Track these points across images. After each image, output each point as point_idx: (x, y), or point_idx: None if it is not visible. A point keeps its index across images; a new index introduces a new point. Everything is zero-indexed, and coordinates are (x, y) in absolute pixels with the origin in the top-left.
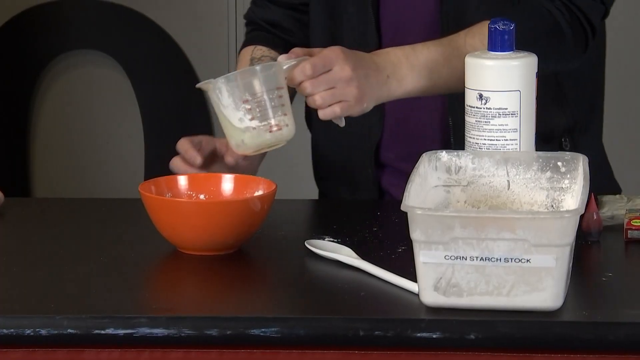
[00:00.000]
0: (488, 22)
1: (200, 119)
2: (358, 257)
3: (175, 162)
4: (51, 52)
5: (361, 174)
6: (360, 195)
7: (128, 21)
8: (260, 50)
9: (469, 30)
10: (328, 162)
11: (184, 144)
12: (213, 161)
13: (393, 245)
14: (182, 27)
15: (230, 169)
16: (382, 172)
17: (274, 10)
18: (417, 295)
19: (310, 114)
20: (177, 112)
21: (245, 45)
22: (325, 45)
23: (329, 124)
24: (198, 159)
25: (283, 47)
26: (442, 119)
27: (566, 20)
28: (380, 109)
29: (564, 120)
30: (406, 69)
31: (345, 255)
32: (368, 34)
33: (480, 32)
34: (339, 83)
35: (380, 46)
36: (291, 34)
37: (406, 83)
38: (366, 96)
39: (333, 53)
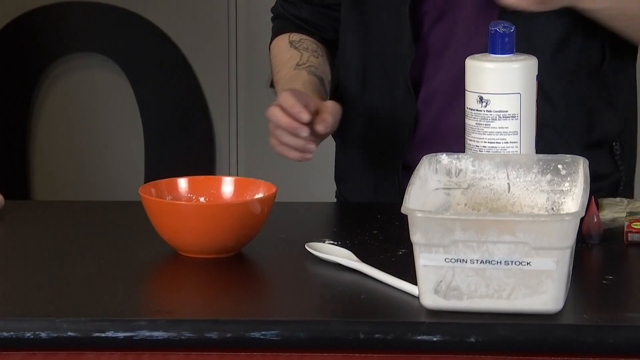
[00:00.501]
0: None
1: (201, 121)
2: (358, 259)
3: (276, 113)
4: (51, 55)
5: (386, 178)
6: (381, 199)
7: (128, 24)
8: (296, 35)
9: None
10: (352, 164)
11: (289, 99)
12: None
13: (393, 248)
14: (182, 29)
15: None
16: (406, 176)
17: (306, 8)
18: (417, 298)
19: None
20: (177, 115)
21: (275, 35)
22: (356, 43)
23: (358, 125)
24: (306, 116)
25: (319, 37)
26: None
27: None
28: (412, 113)
29: (616, 124)
30: None
31: (345, 258)
32: (402, 41)
33: None
34: None
35: (416, 53)
36: (322, 30)
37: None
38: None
39: None
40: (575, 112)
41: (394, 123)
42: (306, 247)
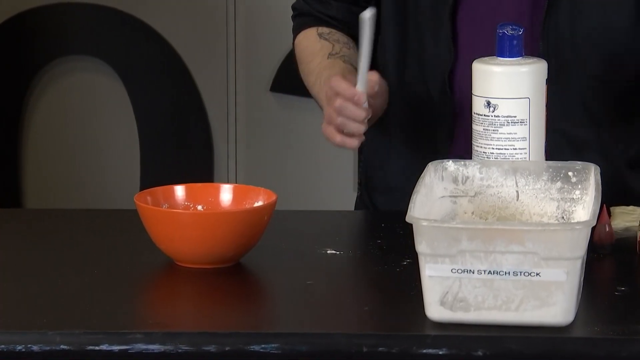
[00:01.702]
0: None
1: (199, 127)
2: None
3: (341, 84)
4: (44, 58)
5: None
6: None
7: (124, 26)
8: (325, 28)
9: None
10: (384, 174)
11: (343, 83)
12: None
13: (397, 258)
14: (180, 32)
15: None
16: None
17: (332, 4)
18: (423, 309)
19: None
20: (174, 120)
21: (300, 29)
22: (395, 54)
23: (388, 142)
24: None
25: (346, 34)
26: None
27: None
28: (448, 130)
29: None
30: None
31: None
32: (442, 46)
33: None
34: None
35: (457, 52)
36: (351, 27)
37: None
38: None
39: None
40: (619, 132)
41: (430, 135)
42: None
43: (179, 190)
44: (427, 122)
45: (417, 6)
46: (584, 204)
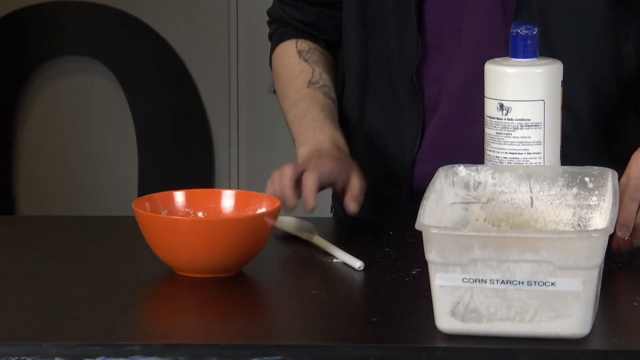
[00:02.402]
0: None
1: (199, 131)
2: (317, 233)
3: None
4: (39, 58)
5: (392, 194)
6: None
7: (122, 26)
8: (303, 43)
9: None
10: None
11: (309, 180)
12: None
13: (407, 267)
14: (180, 33)
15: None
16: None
17: (308, 9)
18: (433, 320)
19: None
20: (174, 124)
21: (278, 41)
22: (357, 52)
23: (361, 136)
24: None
25: (323, 42)
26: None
27: None
28: (418, 119)
29: None
30: None
31: (307, 231)
32: (408, 42)
33: None
34: None
35: (425, 52)
36: (327, 32)
37: None
38: None
39: None
40: (600, 125)
41: (399, 133)
42: (277, 223)
43: (179, 196)
44: (395, 122)
45: (381, 2)
46: (601, 211)
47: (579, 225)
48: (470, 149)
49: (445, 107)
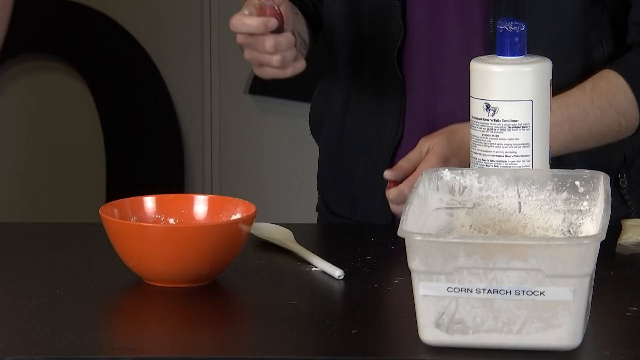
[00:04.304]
0: (615, 74)
1: (170, 134)
2: (294, 240)
3: (241, 19)
4: (1, 56)
5: (371, 189)
6: (367, 217)
7: (89, 22)
8: None
9: (594, 86)
10: (335, 165)
11: (245, 20)
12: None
13: (389, 275)
14: (150, 31)
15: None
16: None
17: None
18: (416, 331)
19: (317, 120)
20: (143, 127)
21: None
22: (342, 31)
23: (340, 128)
24: (274, 22)
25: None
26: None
27: None
28: (399, 110)
29: (620, 153)
30: None
31: (284, 238)
32: (392, 23)
33: (608, 91)
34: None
35: (406, 30)
36: (302, 2)
37: None
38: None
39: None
40: None
41: (381, 115)
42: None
43: (149, 202)
44: (377, 108)
45: None
46: (592, 216)
47: (569, 231)
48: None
49: (422, 92)
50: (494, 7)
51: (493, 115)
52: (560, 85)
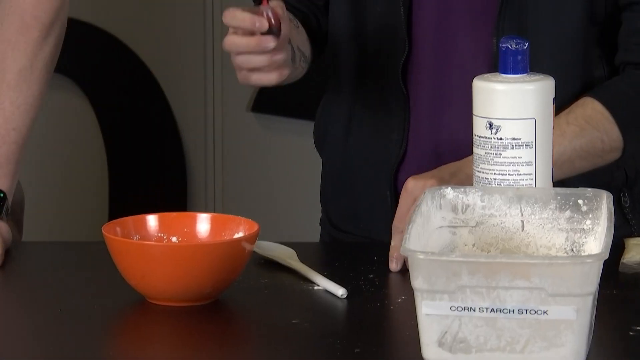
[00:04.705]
0: (590, 98)
1: (173, 152)
2: (297, 259)
3: (234, 41)
4: None
5: (375, 204)
6: (370, 232)
7: (92, 40)
8: None
9: (569, 110)
10: (337, 180)
11: (238, 14)
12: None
13: (392, 294)
14: (153, 48)
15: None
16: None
17: None
18: (419, 350)
19: (321, 134)
20: (146, 145)
21: None
22: (347, 45)
23: (343, 143)
24: (264, 22)
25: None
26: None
27: None
28: (403, 125)
29: (622, 172)
30: None
31: (287, 257)
32: (397, 38)
33: (583, 113)
34: None
35: (410, 45)
36: (305, 17)
37: None
38: None
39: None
40: None
41: (385, 130)
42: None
43: (152, 220)
44: (381, 122)
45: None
46: (595, 235)
47: (572, 250)
48: (454, 152)
49: (427, 108)
50: (496, 25)
51: (496, 133)
52: (561, 103)
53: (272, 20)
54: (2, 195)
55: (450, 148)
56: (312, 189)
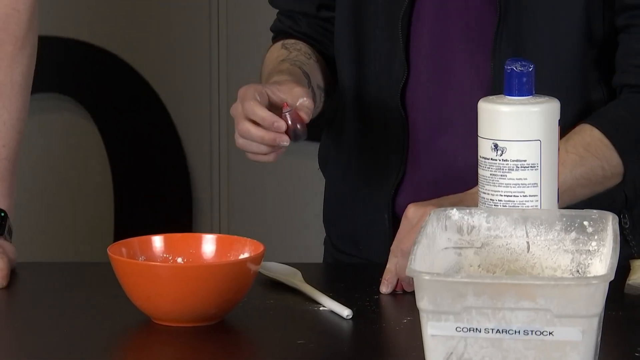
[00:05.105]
0: (588, 125)
1: (178, 172)
2: (302, 280)
3: (250, 130)
4: None
5: (375, 221)
6: (370, 255)
7: (97, 61)
8: (293, 40)
9: (568, 138)
10: (339, 203)
11: (259, 110)
12: None
13: (397, 315)
14: (159, 69)
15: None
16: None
17: (302, 20)
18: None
19: (324, 156)
20: (151, 165)
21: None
22: (349, 69)
23: (345, 164)
24: (283, 124)
25: (318, 52)
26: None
27: None
28: (402, 148)
29: (622, 194)
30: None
31: (292, 277)
32: (396, 62)
33: (581, 141)
34: None
35: (408, 74)
36: (324, 45)
37: None
38: None
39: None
40: None
41: (384, 155)
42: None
43: (157, 241)
44: (380, 145)
45: (371, 16)
46: (601, 257)
47: (578, 271)
48: (452, 175)
49: (426, 132)
50: (493, 48)
51: (501, 155)
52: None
53: (290, 123)
54: (2, 214)
55: (449, 171)
56: (317, 210)
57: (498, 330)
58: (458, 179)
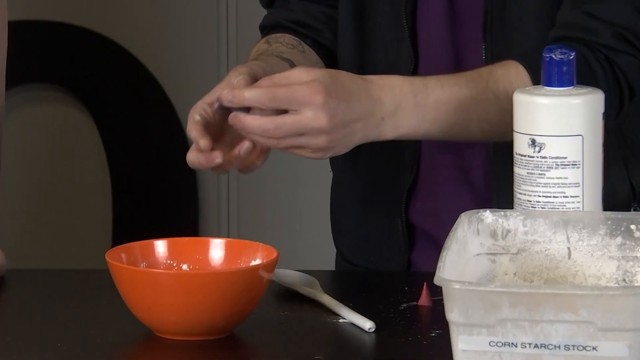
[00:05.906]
0: (516, 63)
1: (183, 173)
2: (320, 289)
3: (194, 160)
4: None
5: (384, 231)
6: (383, 264)
7: (96, 50)
8: (279, 33)
9: (491, 71)
10: (347, 212)
11: (200, 139)
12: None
13: (424, 328)
14: (164, 61)
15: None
16: (410, 238)
17: (295, 5)
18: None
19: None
20: (154, 164)
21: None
22: (353, 60)
23: (355, 161)
24: (219, 159)
25: (310, 40)
26: (485, 169)
27: (606, 77)
28: (414, 149)
29: (627, 184)
30: (410, 109)
31: (309, 286)
32: (402, 51)
33: (505, 78)
34: (307, 133)
35: (416, 63)
36: (316, 31)
37: (405, 126)
38: (336, 147)
39: (309, 92)
40: None
41: (397, 154)
42: (274, 277)
43: (160, 246)
44: (393, 143)
45: (374, 11)
46: None
47: (624, 280)
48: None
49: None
50: (484, 37)
51: (539, 151)
52: None
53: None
54: None
55: (463, 170)
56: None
57: (536, 345)
58: (471, 177)
